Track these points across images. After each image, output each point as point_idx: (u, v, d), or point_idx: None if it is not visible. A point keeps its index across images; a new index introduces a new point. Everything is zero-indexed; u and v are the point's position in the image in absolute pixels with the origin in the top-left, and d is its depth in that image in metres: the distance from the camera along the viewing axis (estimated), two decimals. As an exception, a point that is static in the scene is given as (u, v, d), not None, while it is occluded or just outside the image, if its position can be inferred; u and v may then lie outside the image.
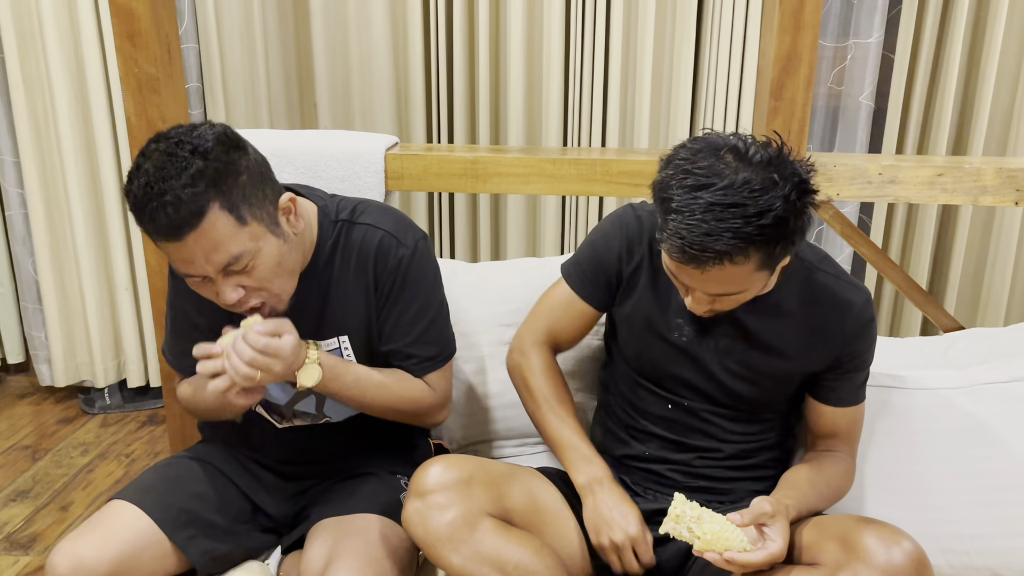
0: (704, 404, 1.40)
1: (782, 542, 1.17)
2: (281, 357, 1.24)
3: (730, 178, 1.11)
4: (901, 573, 1.11)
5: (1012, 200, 1.74)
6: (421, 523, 1.25)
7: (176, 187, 1.15)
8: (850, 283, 1.35)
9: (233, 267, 1.23)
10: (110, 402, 2.91)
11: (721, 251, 1.11)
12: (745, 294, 1.23)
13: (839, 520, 1.24)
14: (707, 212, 1.11)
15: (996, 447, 1.48)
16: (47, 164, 2.70)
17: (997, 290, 2.68)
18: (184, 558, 1.38)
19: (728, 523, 1.19)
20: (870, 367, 1.38)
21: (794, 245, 1.18)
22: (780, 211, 1.11)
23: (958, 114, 2.59)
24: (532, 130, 2.64)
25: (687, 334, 1.37)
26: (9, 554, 2.14)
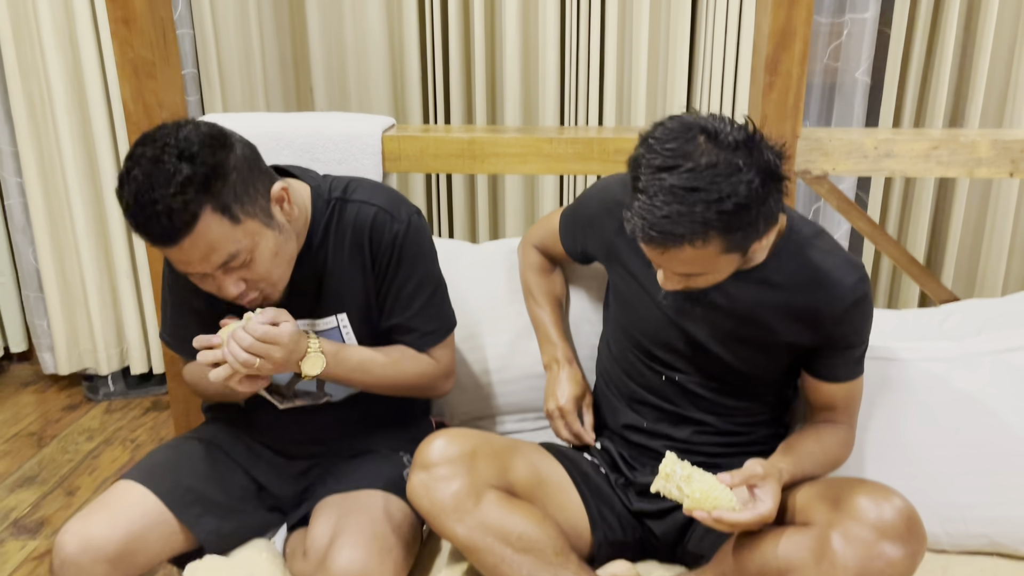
0: (696, 377, 1.42)
1: (772, 503, 1.19)
2: (280, 344, 1.25)
3: (695, 161, 1.11)
4: (892, 529, 1.13)
5: (1007, 171, 1.75)
6: (426, 494, 1.27)
7: (166, 196, 1.16)
8: (843, 259, 1.34)
9: (231, 264, 1.25)
10: (114, 389, 2.93)
11: (680, 234, 1.12)
12: (714, 275, 1.24)
13: (831, 482, 1.26)
14: (668, 195, 1.11)
15: (992, 417, 1.48)
16: (45, 152, 2.70)
17: (994, 263, 2.69)
18: (191, 536, 1.40)
19: (718, 483, 1.20)
20: (867, 342, 1.38)
21: (758, 232, 1.18)
22: (742, 198, 1.11)
23: (954, 88, 2.59)
24: (529, 110, 2.64)
25: (673, 302, 1.38)
26: (17, 539, 2.16)
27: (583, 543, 1.42)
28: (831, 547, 1.14)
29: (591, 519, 1.43)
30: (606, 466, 1.50)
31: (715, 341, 1.38)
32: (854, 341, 1.35)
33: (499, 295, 1.73)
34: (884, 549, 1.12)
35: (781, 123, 1.72)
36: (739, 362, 1.38)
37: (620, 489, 1.48)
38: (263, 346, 1.24)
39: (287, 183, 1.32)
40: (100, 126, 2.63)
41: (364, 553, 1.27)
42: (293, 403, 1.50)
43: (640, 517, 1.47)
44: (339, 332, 1.44)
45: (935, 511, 1.47)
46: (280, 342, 1.26)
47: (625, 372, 1.49)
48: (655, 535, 1.46)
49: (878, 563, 1.12)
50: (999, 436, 1.48)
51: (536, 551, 1.27)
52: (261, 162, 1.30)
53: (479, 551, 1.27)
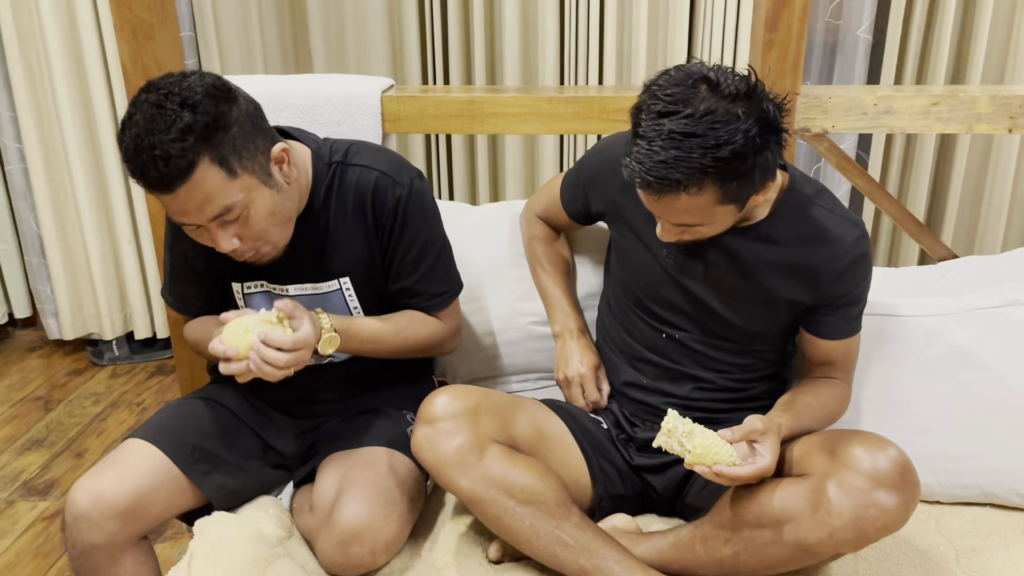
0: (695, 334, 1.43)
1: (771, 457, 1.21)
2: (309, 345, 1.27)
3: (694, 107, 1.13)
4: (886, 477, 1.15)
5: (1006, 127, 1.75)
6: (431, 448, 1.30)
7: (165, 141, 1.16)
8: (844, 218, 1.34)
9: (226, 218, 1.25)
10: (118, 353, 2.95)
11: (675, 180, 1.13)
12: (709, 227, 1.25)
13: (828, 434, 1.28)
14: (667, 140, 1.13)
15: (987, 370, 1.50)
16: (44, 118, 2.70)
17: (994, 221, 2.70)
18: (199, 493, 1.42)
19: (718, 438, 1.22)
20: (866, 299, 1.39)
21: (754, 184, 1.19)
22: (738, 146, 1.12)
23: (956, 45, 2.58)
24: (528, 69, 2.63)
25: (675, 259, 1.39)
26: (27, 499, 2.20)
27: (584, 496, 1.45)
28: (827, 496, 1.16)
29: (592, 473, 1.45)
30: (607, 422, 1.53)
31: (715, 298, 1.39)
32: (853, 299, 1.37)
33: (500, 257, 1.74)
34: (878, 497, 1.14)
35: (781, 81, 1.71)
36: (739, 319, 1.40)
37: (621, 444, 1.50)
38: (297, 354, 1.25)
39: (288, 145, 1.33)
40: (98, 90, 2.63)
41: (369, 507, 1.30)
42: (298, 364, 1.52)
43: (640, 472, 1.49)
44: (342, 295, 1.45)
45: (929, 463, 1.50)
46: (309, 344, 1.27)
47: (625, 330, 1.51)
48: (655, 489, 1.49)
49: (872, 511, 1.14)
50: (993, 389, 1.50)
51: (538, 503, 1.29)
52: (264, 121, 1.30)
53: (482, 503, 1.30)
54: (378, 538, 1.30)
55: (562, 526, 1.30)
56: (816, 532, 1.18)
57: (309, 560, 1.37)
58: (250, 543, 1.34)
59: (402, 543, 1.36)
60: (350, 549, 1.29)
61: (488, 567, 1.38)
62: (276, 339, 1.23)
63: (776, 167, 1.22)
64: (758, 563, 1.26)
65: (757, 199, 1.25)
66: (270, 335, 1.23)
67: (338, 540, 1.29)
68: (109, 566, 1.36)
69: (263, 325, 1.25)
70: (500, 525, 1.31)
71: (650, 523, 1.48)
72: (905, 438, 1.50)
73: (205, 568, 1.29)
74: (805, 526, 1.19)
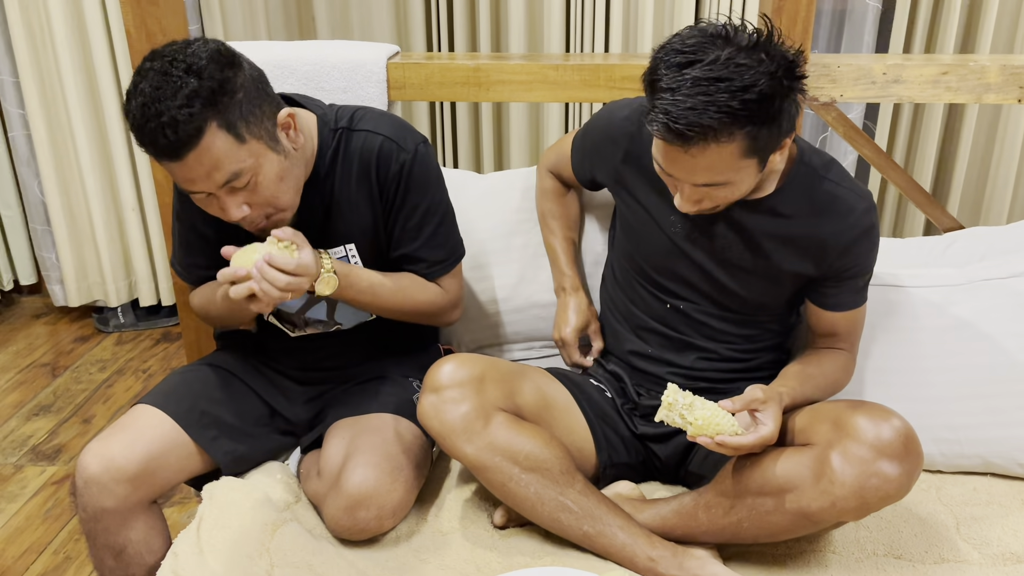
0: (700, 305, 1.43)
1: (773, 426, 1.22)
2: (309, 274, 1.27)
3: (716, 54, 1.11)
4: (889, 447, 1.15)
5: (1015, 97, 1.74)
6: (436, 416, 1.31)
7: (172, 108, 1.16)
8: (852, 190, 1.34)
9: (234, 184, 1.25)
10: (124, 321, 2.96)
11: (706, 126, 1.11)
12: (731, 188, 1.23)
13: (831, 404, 1.28)
14: (693, 87, 1.11)
15: (991, 341, 1.50)
16: (46, 83, 2.69)
17: (1000, 192, 2.69)
18: (207, 458, 1.44)
19: (719, 409, 1.23)
20: (872, 271, 1.39)
21: (780, 131, 1.17)
22: (766, 87, 1.11)
23: (966, 14, 2.55)
24: (534, 36, 2.61)
25: (682, 230, 1.39)
26: (36, 464, 2.22)
27: (588, 464, 1.46)
28: (830, 465, 1.17)
29: (596, 442, 1.46)
30: (612, 390, 1.53)
31: (721, 270, 1.39)
32: (859, 271, 1.37)
33: (505, 225, 1.74)
34: (881, 467, 1.15)
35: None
36: (744, 291, 1.40)
37: (625, 413, 1.51)
38: (296, 279, 1.25)
39: (293, 111, 1.32)
40: (101, 56, 2.61)
41: (376, 472, 1.32)
42: (304, 331, 1.53)
43: (644, 440, 1.50)
44: (347, 261, 1.45)
45: (931, 432, 1.50)
46: (309, 272, 1.27)
47: (630, 299, 1.51)
48: (658, 457, 1.50)
49: (875, 480, 1.15)
50: (997, 360, 1.50)
51: (542, 470, 1.31)
52: (269, 87, 1.30)
53: (487, 470, 1.31)
54: (385, 503, 1.32)
55: (566, 493, 1.31)
56: (819, 501, 1.19)
57: (316, 524, 1.39)
58: (258, 507, 1.36)
59: (408, 508, 1.38)
60: (357, 513, 1.31)
61: (493, 532, 1.39)
62: (279, 260, 1.24)
63: (796, 119, 1.20)
64: (760, 530, 1.28)
65: (775, 158, 1.24)
66: (275, 256, 1.24)
67: (345, 504, 1.31)
68: (119, 529, 1.38)
69: (269, 246, 1.26)
70: (505, 492, 1.32)
71: (653, 490, 1.50)
72: (908, 407, 1.51)
73: (214, 532, 1.31)
74: (808, 495, 1.20)
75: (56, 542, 1.95)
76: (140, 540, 1.40)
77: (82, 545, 1.92)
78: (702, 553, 1.31)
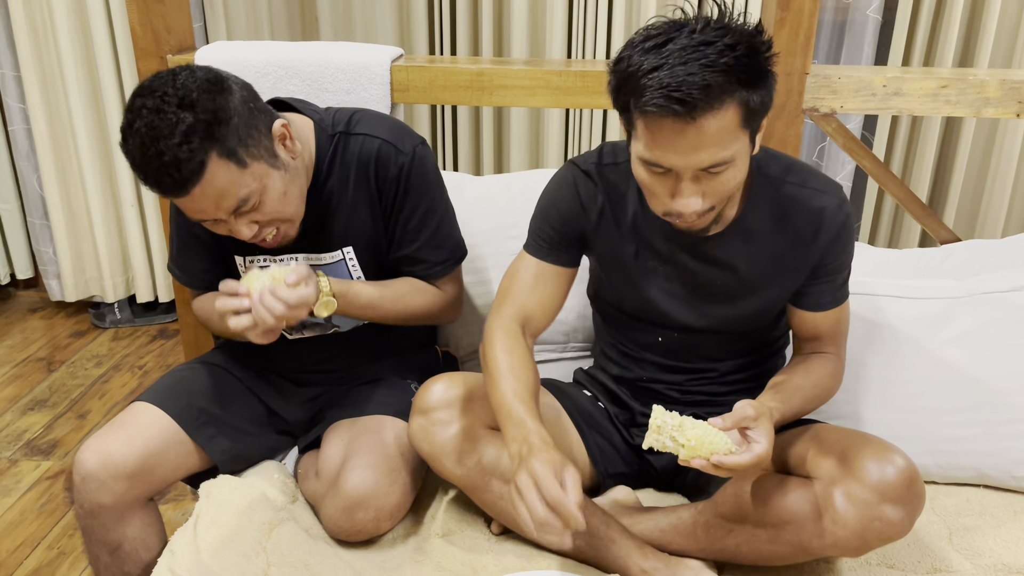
0: (691, 335, 1.40)
1: (767, 443, 1.15)
2: (308, 305, 1.28)
3: (690, 26, 1.10)
4: (893, 490, 1.14)
5: (1014, 112, 1.75)
6: (426, 438, 1.31)
7: (172, 147, 1.16)
8: (818, 189, 1.30)
9: (243, 209, 1.26)
10: (120, 316, 2.96)
11: (707, 85, 1.07)
12: (732, 172, 1.16)
13: (837, 435, 1.26)
14: (682, 56, 1.08)
15: (990, 354, 1.51)
16: (48, 78, 2.68)
17: (996, 205, 2.70)
18: (205, 456, 1.44)
19: (710, 427, 1.16)
20: (850, 266, 1.36)
21: (765, 101, 1.14)
22: (752, 41, 1.10)
23: (965, 28, 2.57)
24: (536, 42, 2.62)
25: (662, 275, 1.36)
26: (31, 459, 2.22)
27: (585, 475, 1.45)
28: (833, 505, 1.16)
29: (590, 453, 1.46)
30: (605, 400, 1.52)
31: (708, 304, 1.36)
32: (837, 267, 1.34)
33: (502, 228, 1.74)
34: (884, 511, 1.14)
35: (791, 59, 1.71)
36: (733, 316, 1.37)
37: (622, 424, 1.50)
38: (295, 311, 1.26)
39: (287, 119, 1.32)
40: (103, 51, 2.61)
41: (375, 474, 1.32)
42: (302, 333, 1.53)
43: (640, 451, 1.49)
44: (345, 265, 1.46)
45: (927, 444, 1.51)
46: (308, 304, 1.28)
47: (620, 332, 1.48)
48: (654, 467, 1.50)
49: (878, 524, 1.14)
50: (995, 373, 1.51)
51: None
52: (259, 101, 1.30)
53: (478, 490, 1.32)
54: (383, 504, 1.32)
55: None
56: (820, 539, 1.18)
57: (313, 524, 1.39)
58: (255, 506, 1.36)
59: (406, 510, 1.38)
60: (355, 515, 1.31)
61: (489, 535, 1.40)
62: (282, 294, 1.25)
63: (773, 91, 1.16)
64: (758, 556, 1.28)
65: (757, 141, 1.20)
66: (278, 290, 1.25)
67: (344, 506, 1.31)
68: (116, 526, 1.38)
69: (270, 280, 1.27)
70: (497, 509, 1.33)
71: (651, 496, 1.50)
72: (905, 419, 1.53)
73: (211, 530, 1.31)
74: (809, 531, 1.19)
75: (50, 537, 1.95)
76: (136, 537, 1.41)
77: (76, 540, 1.92)
78: (696, 564, 1.31)
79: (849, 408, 1.55)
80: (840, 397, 1.55)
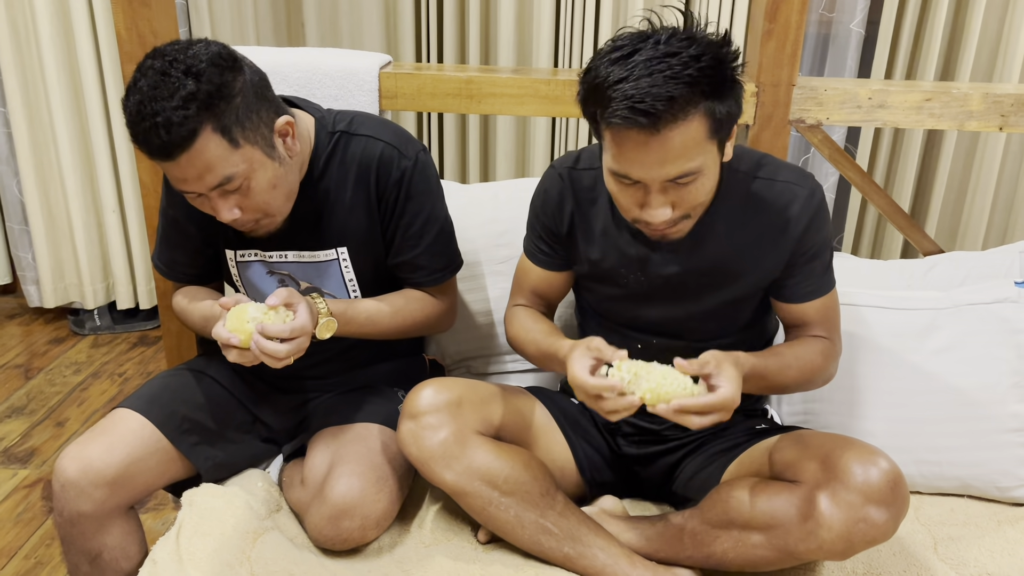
0: (674, 340, 1.40)
1: (731, 387, 1.15)
2: (307, 332, 1.26)
3: (656, 36, 1.11)
4: (878, 493, 1.15)
5: (997, 125, 1.77)
6: (415, 443, 1.30)
7: (168, 109, 1.16)
8: (788, 182, 1.30)
9: (226, 187, 1.24)
10: (100, 323, 2.92)
11: (670, 97, 1.08)
12: (701, 182, 1.18)
13: (821, 439, 1.27)
14: (647, 67, 1.09)
15: (975, 364, 1.52)
16: (29, 82, 2.66)
17: (977, 216, 2.73)
18: (187, 464, 1.42)
19: (669, 370, 1.15)
20: (830, 253, 1.35)
21: (732, 110, 1.15)
22: (717, 52, 1.10)
23: (947, 42, 2.60)
24: (523, 50, 2.62)
25: (636, 280, 1.36)
26: (7, 467, 2.18)
27: (571, 483, 1.46)
28: (818, 508, 1.17)
29: (577, 461, 1.46)
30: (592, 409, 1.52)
31: (686, 308, 1.37)
32: (813, 255, 1.33)
33: (489, 236, 1.74)
34: (869, 513, 1.14)
35: (778, 71, 1.72)
36: (714, 317, 1.37)
37: (609, 433, 1.50)
38: (295, 342, 1.25)
39: (292, 119, 1.31)
40: (85, 55, 2.59)
41: (361, 482, 1.31)
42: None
43: (627, 460, 1.50)
44: (338, 265, 1.45)
45: (912, 454, 1.52)
46: (307, 331, 1.26)
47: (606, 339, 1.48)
48: (641, 476, 1.50)
49: (862, 526, 1.15)
50: (980, 383, 1.52)
51: (522, 493, 1.30)
52: (270, 91, 1.30)
53: (467, 495, 1.31)
54: (369, 513, 1.31)
55: (547, 515, 1.31)
56: (805, 542, 1.18)
57: (298, 534, 1.37)
58: (239, 515, 1.35)
59: (392, 519, 1.37)
60: (341, 523, 1.30)
61: (476, 545, 1.39)
62: (273, 329, 1.23)
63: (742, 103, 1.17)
64: (745, 562, 1.27)
65: (728, 149, 1.21)
66: (267, 325, 1.23)
67: (329, 514, 1.30)
68: (96, 534, 1.36)
69: (261, 315, 1.24)
70: (485, 515, 1.32)
71: (637, 506, 1.50)
72: (892, 428, 1.54)
73: (194, 539, 1.30)
74: (794, 535, 1.19)
75: (28, 546, 1.91)
76: (116, 546, 1.39)
77: (54, 550, 1.89)
78: (684, 573, 1.31)
79: (835, 418, 1.56)
80: (826, 407, 1.56)
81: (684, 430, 1.44)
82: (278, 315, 1.25)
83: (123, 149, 2.72)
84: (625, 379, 1.15)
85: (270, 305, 1.25)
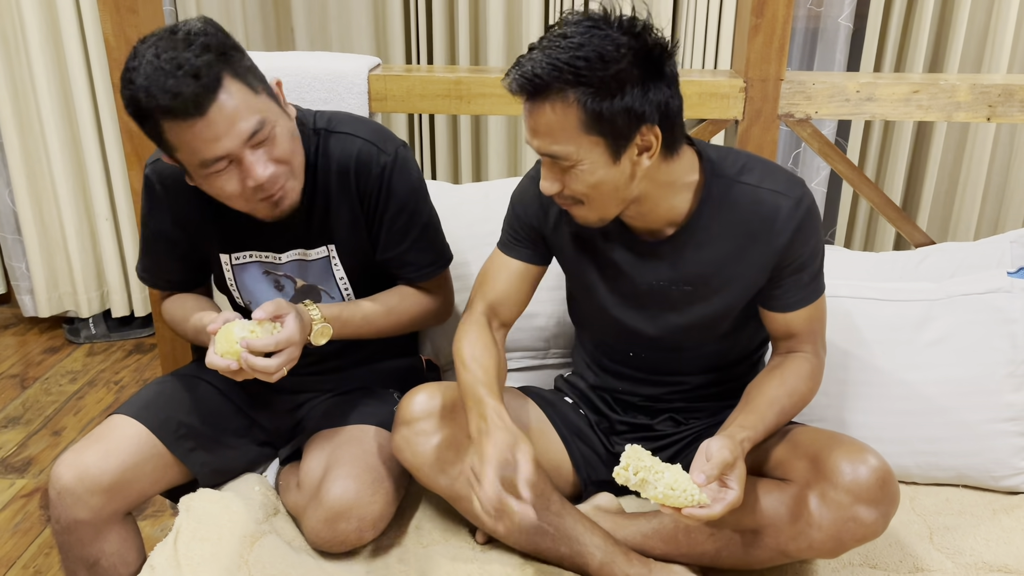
0: (662, 350, 1.39)
1: (739, 489, 1.13)
2: (296, 342, 1.26)
3: (573, 18, 1.13)
4: (867, 491, 1.15)
5: (984, 116, 1.78)
6: (409, 449, 1.30)
7: (190, 58, 1.15)
8: (774, 190, 1.25)
9: (259, 136, 1.21)
10: (95, 332, 2.92)
11: (536, 75, 1.09)
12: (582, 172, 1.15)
13: (811, 437, 1.26)
14: (548, 41, 1.11)
15: (969, 355, 1.53)
16: (19, 90, 2.65)
17: (968, 208, 2.74)
18: (184, 470, 1.42)
19: (681, 474, 1.12)
20: (819, 262, 1.30)
21: (629, 114, 1.11)
22: (602, 50, 1.09)
23: (935, 34, 2.61)
24: (512, 51, 2.62)
25: (621, 291, 1.36)
26: (4, 477, 2.18)
27: (567, 482, 1.46)
28: (808, 508, 1.17)
29: (573, 460, 1.46)
30: (586, 408, 1.52)
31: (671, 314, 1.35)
32: (800, 265, 1.28)
33: (480, 236, 1.74)
34: (859, 512, 1.15)
35: (765, 66, 1.73)
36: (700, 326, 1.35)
37: (602, 432, 1.50)
38: (287, 352, 1.24)
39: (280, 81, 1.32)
40: (75, 63, 2.59)
41: (357, 484, 1.31)
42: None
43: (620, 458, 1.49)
44: (329, 262, 1.45)
45: (907, 445, 1.53)
46: (295, 340, 1.26)
47: (594, 345, 1.49)
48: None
49: (852, 525, 1.15)
50: (974, 374, 1.52)
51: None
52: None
53: (461, 499, 1.31)
54: (365, 514, 1.31)
55: (542, 515, 1.31)
56: (796, 542, 1.19)
57: (295, 537, 1.38)
58: (236, 520, 1.35)
59: (389, 520, 1.37)
60: (337, 525, 1.30)
61: (474, 545, 1.39)
62: (258, 344, 1.22)
63: (655, 117, 1.13)
64: (737, 560, 1.28)
65: (642, 160, 1.17)
66: (252, 341, 1.22)
67: (326, 516, 1.30)
68: (93, 541, 1.36)
69: (246, 331, 1.23)
70: (481, 520, 1.32)
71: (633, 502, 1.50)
72: (885, 420, 1.54)
73: (192, 545, 1.30)
74: (785, 534, 1.20)
75: (26, 556, 1.91)
76: (114, 552, 1.39)
77: (52, 559, 1.89)
78: (680, 569, 1.32)
79: (830, 411, 1.56)
80: (821, 400, 1.56)
81: (678, 426, 1.45)
82: (264, 329, 1.25)
83: (115, 156, 2.72)
84: (632, 482, 1.13)
85: (257, 319, 1.25)
